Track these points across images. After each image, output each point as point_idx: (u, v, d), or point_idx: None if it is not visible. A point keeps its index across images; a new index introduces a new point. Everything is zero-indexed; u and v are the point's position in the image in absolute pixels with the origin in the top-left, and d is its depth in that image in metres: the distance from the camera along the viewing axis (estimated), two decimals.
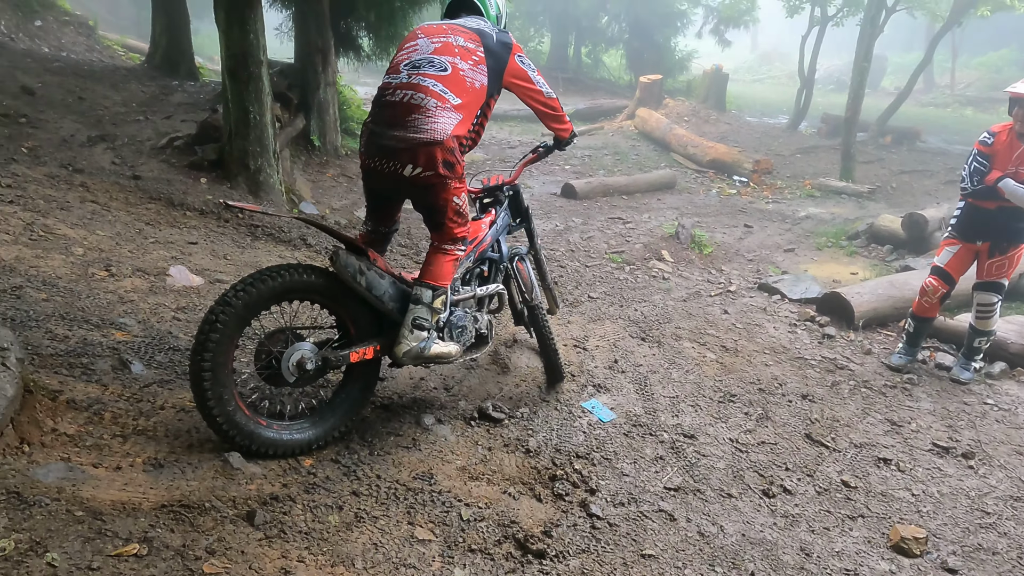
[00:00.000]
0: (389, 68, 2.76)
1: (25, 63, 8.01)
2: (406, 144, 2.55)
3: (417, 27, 2.85)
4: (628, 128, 14.30)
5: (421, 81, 2.61)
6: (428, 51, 2.67)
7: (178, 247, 4.44)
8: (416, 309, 2.74)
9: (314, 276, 2.60)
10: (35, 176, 4.76)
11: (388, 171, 2.63)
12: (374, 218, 3.02)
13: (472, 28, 2.77)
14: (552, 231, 7.23)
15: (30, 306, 3.21)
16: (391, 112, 2.61)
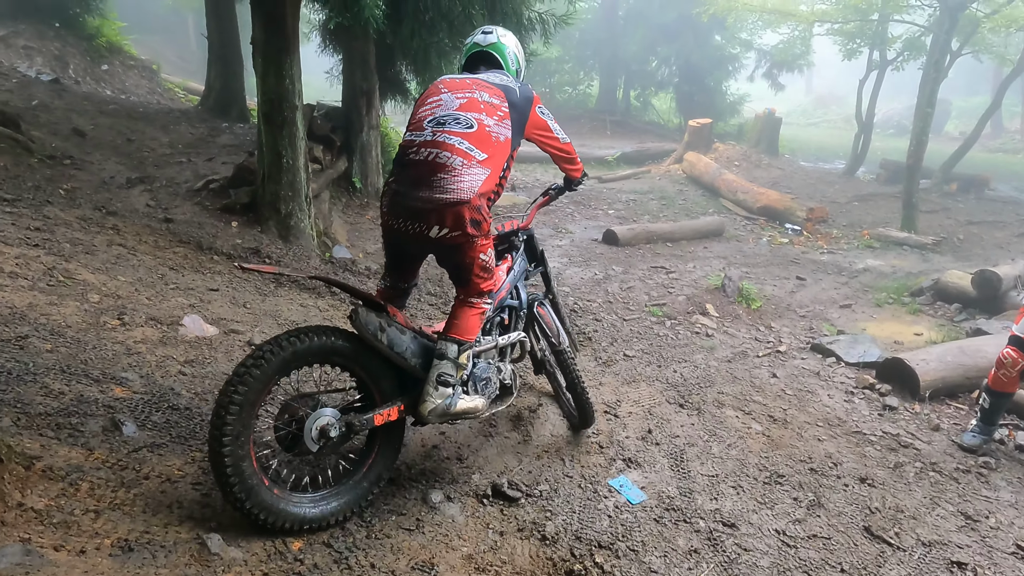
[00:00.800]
0: (411, 124, 2.69)
1: (82, 105, 8.28)
2: (432, 205, 2.49)
3: (439, 81, 2.80)
4: (676, 172, 14.00)
5: (446, 139, 2.54)
6: (453, 107, 2.62)
7: (198, 294, 4.33)
8: (441, 365, 2.65)
9: (333, 337, 2.50)
10: (67, 218, 4.76)
11: (413, 232, 2.56)
12: (394, 275, 2.94)
13: (496, 84, 2.74)
14: (590, 280, 6.94)
15: (32, 357, 3.09)
16: (415, 172, 2.55)
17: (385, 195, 2.66)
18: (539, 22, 5.76)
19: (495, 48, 2.97)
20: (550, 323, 3.39)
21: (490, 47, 2.97)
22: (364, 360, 2.59)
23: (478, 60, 2.97)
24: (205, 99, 11.04)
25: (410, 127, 2.68)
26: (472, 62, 2.99)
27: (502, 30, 3.10)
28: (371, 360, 2.61)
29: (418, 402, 2.64)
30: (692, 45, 18.71)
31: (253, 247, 5.35)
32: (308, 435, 2.45)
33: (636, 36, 20.20)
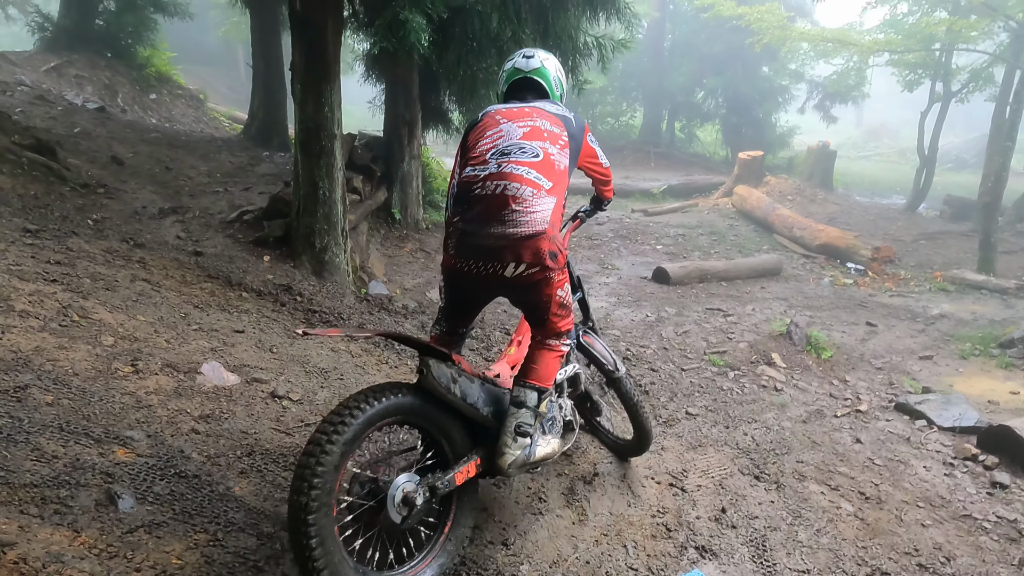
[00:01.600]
0: (471, 158, 2.53)
1: (124, 133, 8.20)
2: (507, 241, 2.33)
3: (492, 111, 2.64)
4: (725, 206, 13.44)
5: (513, 170, 2.40)
6: (516, 136, 2.48)
7: (221, 336, 3.98)
8: (519, 414, 2.51)
9: (403, 394, 2.32)
10: (91, 251, 4.50)
11: (485, 273, 2.39)
12: (453, 319, 2.76)
13: (555, 113, 2.64)
14: (642, 323, 6.44)
15: (29, 412, 2.75)
16: (483, 207, 2.38)
17: (450, 236, 2.46)
18: (595, 47, 5.39)
19: (538, 73, 2.80)
20: (601, 351, 3.21)
21: (533, 72, 2.80)
22: (434, 415, 2.42)
23: (521, 86, 2.80)
24: (248, 127, 10.99)
25: (471, 161, 2.51)
26: (514, 88, 2.82)
27: (543, 53, 2.92)
28: (441, 414, 2.44)
29: (495, 455, 2.49)
30: (741, 76, 18.26)
31: (285, 283, 5.02)
32: (392, 505, 2.24)
33: (683, 67, 19.85)
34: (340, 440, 2.09)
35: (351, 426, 2.13)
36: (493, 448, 2.50)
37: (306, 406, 3.53)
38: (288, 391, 3.59)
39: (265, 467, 2.93)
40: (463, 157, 2.62)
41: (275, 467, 2.95)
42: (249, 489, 2.76)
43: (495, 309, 5.84)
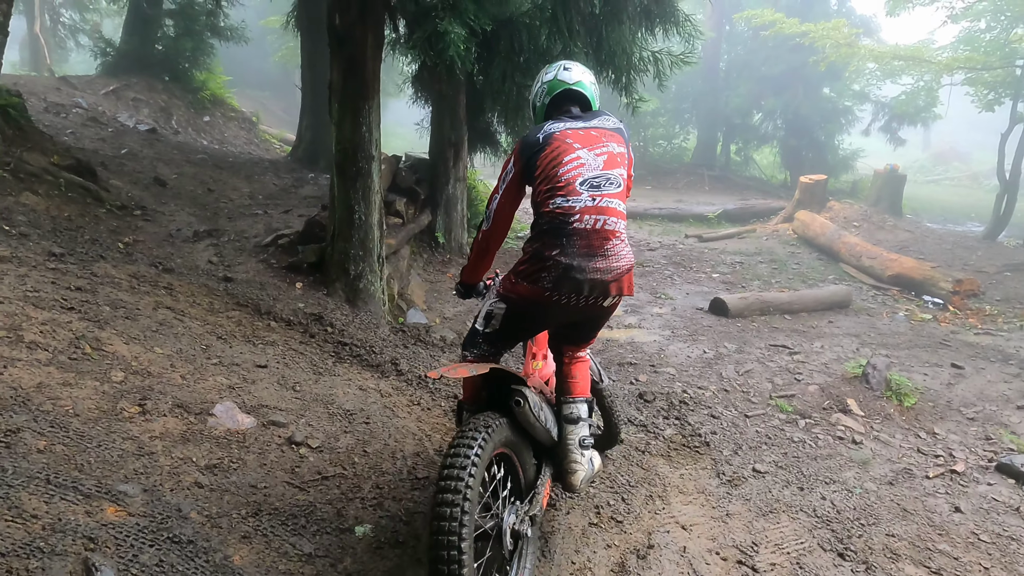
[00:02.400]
0: (558, 188, 2.44)
1: (171, 155, 8.18)
2: (612, 276, 2.44)
3: (558, 134, 2.51)
4: (785, 232, 12.74)
5: (608, 204, 2.45)
6: (598, 166, 2.48)
7: (242, 372, 3.69)
8: (580, 428, 2.61)
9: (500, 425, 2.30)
10: (116, 276, 4.30)
11: (583, 304, 2.47)
12: (502, 344, 2.72)
13: (614, 129, 2.61)
14: (699, 360, 5.91)
15: (16, 461, 2.47)
16: (585, 242, 2.41)
17: (547, 270, 2.40)
18: (652, 62, 5.00)
19: (580, 85, 2.73)
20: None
21: (576, 85, 2.72)
22: (519, 443, 2.46)
23: (564, 99, 2.73)
24: (295, 149, 10.97)
25: (558, 192, 2.43)
26: (556, 102, 2.74)
27: (579, 65, 2.85)
28: (523, 441, 2.48)
29: (566, 473, 2.56)
30: (801, 97, 17.54)
31: (316, 312, 4.73)
32: (506, 538, 2.28)
33: (739, 88, 19.24)
34: (476, 480, 2.07)
35: (479, 465, 2.10)
36: (559, 468, 2.59)
37: (325, 455, 3.18)
38: (307, 436, 3.25)
39: (272, 530, 2.57)
40: (531, 181, 2.54)
41: (283, 530, 2.59)
42: (250, 558, 2.41)
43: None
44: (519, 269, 2.50)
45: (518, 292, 2.51)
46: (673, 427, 4.35)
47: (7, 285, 3.63)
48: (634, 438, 4.13)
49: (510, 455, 2.44)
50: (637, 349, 6.18)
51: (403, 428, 3.60)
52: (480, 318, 2.70)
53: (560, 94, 2.71)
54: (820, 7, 18.28)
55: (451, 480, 2.03)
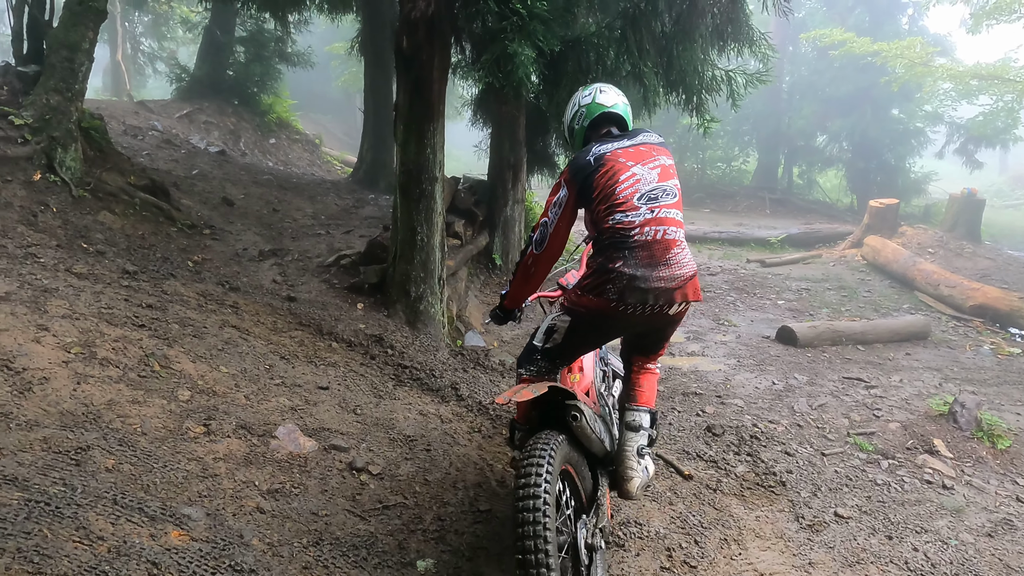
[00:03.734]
0: (617, 205, 2.51)
1: (239, 175, 8.41)
2: (676, 283, 2.49)
3: (608, 154, 2.58)
4: (854, 258, 12.22)
5: (667, 214, 2.53)
6: (654, 179, 2.56)
7: (304, 393, 3.66)
8: (639, 437, 2.66)
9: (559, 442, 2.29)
10: (185, 294, 4.37)
11: (649, 313, 2.51)
12: (562, 359, 2.76)
13: (659, 143, 2.71)
14: (768, 392, 5.63)
15: (85, 480, 2.47)
16: (647, 253, 2.47)
17: (611, 282, 2.46)
18: (724, 82, 4.84)
19: (617, 107, 2.84)
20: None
21: (614, 107, 2.82)
22: (577, 457, 2.48)
23: (602, 121, 2.82)
24: (356, 170, 11.16)
25: (618, 208, 2.50)
26: (596, 124, 2.82)
27: (613, 87, 2.94)
28: (581, 454, 2.51)
29: (622, 481, 2.58)
30: (869, 118, 16.92)
31: (376, 334, 4.70)
32: (581, 552, 2.33)
33: (803, 110, 18.74)
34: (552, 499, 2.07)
35: (553, 484, 2.11)
36: (615, 476, 2.62)
37: (386, 482, 3.10)
38: (368, 463, 3.17)
39: (332, 562, 2.49)
40: (588, 202, 2.59)
41: (343, 562, 2.50)
42: None
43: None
44: (584, 283, 2.56)
45: (583, 304, 2.56)
46: (745, 464, 4.11)
47: (83, 301, 3.72)
48: (704, 475, 3.92)
49: (570, 470, 2.43)
50: (702, 378, 5.94)
51: (464, 456, 3.50)
52: (540, 334, 2.73)
53: (599, 117, 2.81)
54: (890, 26, 17.69)
55: (530, 500, 2.04)
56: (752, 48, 4.94)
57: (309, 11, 10.37)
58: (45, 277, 3.85)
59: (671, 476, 3.81)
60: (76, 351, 3.25)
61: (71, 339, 3.33)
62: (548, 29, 4.07)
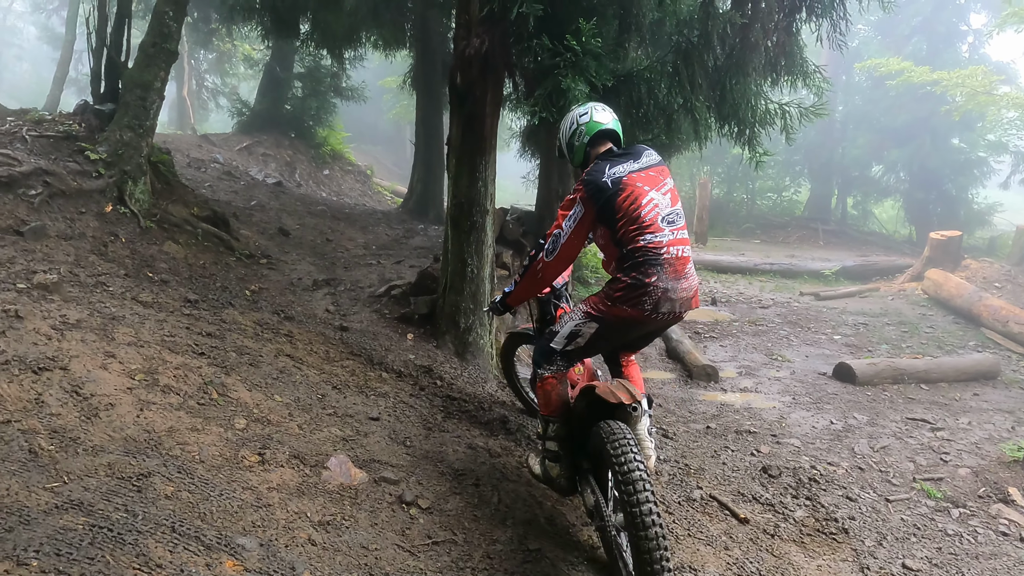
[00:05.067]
0: (645, 227, 2.82)
1: (294, 206, 8.67)
2: (691, 293, 2.91)
3: (625, 177, 2.86)
4: (914, 292, 11.77)
5: (681, 235, 2.91)
6: (668, 204, 2.91)
7: (355, 423, 3.69)
8: (645, 420, 2.92)
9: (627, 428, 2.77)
10: (243, 323, 4.49)
11: (670, 319, 2.94)
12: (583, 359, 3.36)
13: (660, 164, 3.02)
14: (826, 432, 5.42)
15: (145, 506, 2.52)
16: (673, 268, 2.83)
17: (646, 295, 2.79)
18: (779, 115, 4.78)
19: (612, 125, 3.13)
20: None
21: (612, 124, 3.13)
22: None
23: (600, 138, 3.10)
24: (406, 201, 11.38)
25: (644, 228, 2.81)
26: (594, 140, 3.10)
27: (607, 106, 3.23)
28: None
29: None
30: (928, 148, 16.44)
31: (425, 365, 4.73)
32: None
33: (857, 140, 18.33)
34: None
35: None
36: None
37: (436, 517, 3.08)
38: (417, 496, 3.17)
39: None
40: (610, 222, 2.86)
41: None
42: None
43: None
44: (615, 295, 2.85)
45: (615, 314, 2.88)
46: (804, 508, 3.95)
47: (147, 329, 3.85)
48: (760, 518, 3.77)
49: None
50: (755, 416, 5.76)
51: (513, 492, 3.45)
52: (560, 338, 3.04)
53: (597, 134, 3.09)
54: (949, 54, 17.26)
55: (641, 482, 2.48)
56: (806, 81, 4.87)
57: (364, 48, 10.72)
58: (113, 305, 4.02)
59: (726, 519, 3.68)
60: (140, 378, 3.36)
61: (135, 366, 3.45)
62: (600, 64, 4.11)
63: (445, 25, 10.06)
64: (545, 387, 3.14)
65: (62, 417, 2.91)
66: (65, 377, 3.14)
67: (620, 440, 2.60)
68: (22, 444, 2.66)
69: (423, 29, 10.15)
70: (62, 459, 2.66)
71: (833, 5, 4.47)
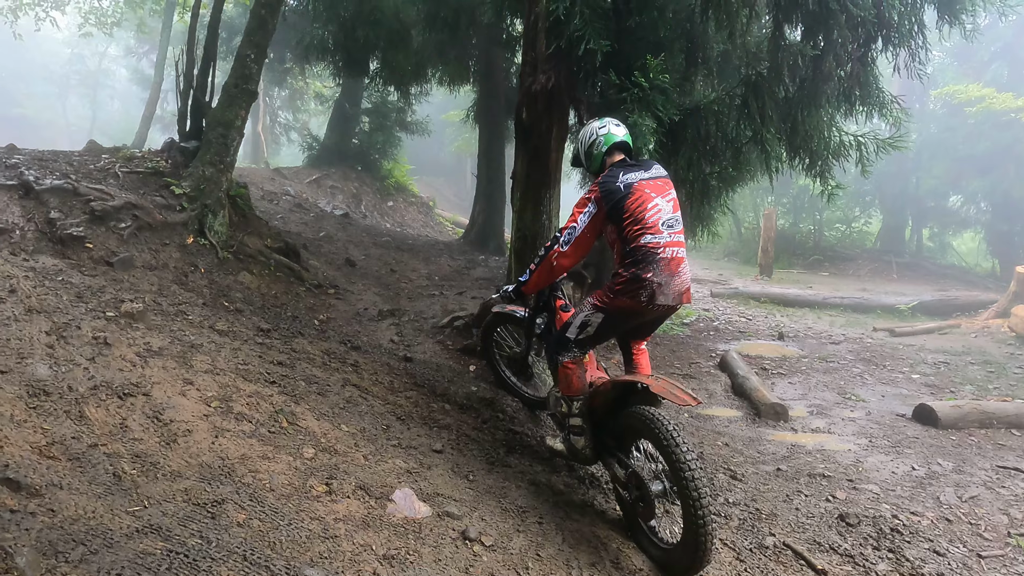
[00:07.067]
0: (648, 227, 3.23)
1: (360, 237, 8.90)
2: (684, 288, 3.32)
3: (635, 184, 3.28)
4: (999, 329, 11.08)
5: (678, 238, 3.31)
6: (670, 210, 3.31)
7: (418, 455, 3.70)
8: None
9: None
10: (312, 352, 4.60)
11: (664, 311, 3.38)
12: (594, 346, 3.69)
13: (666, 176, 3.45)
14: (908, 478, 5.10)
15: (219, 533, 2.58)
16: (668, 266, 3.23)
17: (643, 289, 3.21)
18: (854, 147, 4.63)
19: (626, 138, 3.57)
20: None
21: (625, 137, 3.56)
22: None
23: (615, 149, 3.52)
24: (468, 232, 11.53)
25: (648, 230, 3.22)
26: (610, 150, 3.53)
27: (620, 122, 3.64)
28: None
29: None
30: (1012, 177, 15.62)
31: (488, 397, 4.73)
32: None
33: (933, 169, 17.60)
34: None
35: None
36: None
37: (499, 555, 3.04)
38: (480, 533, 3.13)
39: None
40: (618, 220, 3.26)
41: None
42: None
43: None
44: (616, 288, 3.27)
45: (617, 305, 3.30)
46: (887, 561, 3.71)
47: (223, 357, 3.99)
48: (839, 570, 3.56)
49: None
50: (829, 459, 5.49)
51: (577, 532, 3.38)
52: (573, 328, 3.47)
53: (612, 145, 3.51)
54: None
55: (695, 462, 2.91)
56: (882, 111, 4.72)
57: (430, 83, 11.05)
58: (192, 333, 4.19)
59: (802, 569, 3.50)
60: (215, 405, 3.48)
61: (211, 393, 3.57)
62: (667, 99, 4.09)
63: (508, 60, 10.27)
64: (566, 371, 3.54)
65: (144, 442, 3.03)
66: (147, 403, 3.28)
67: (661, 422, 3.03)
68: (107, 468, 2.78)
69: (487, 65, 10.39)
70: (143, 483, 2.76)
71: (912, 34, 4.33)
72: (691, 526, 2.87)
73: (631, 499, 3.32)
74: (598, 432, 3.54)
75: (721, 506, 4.08)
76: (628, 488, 3.32)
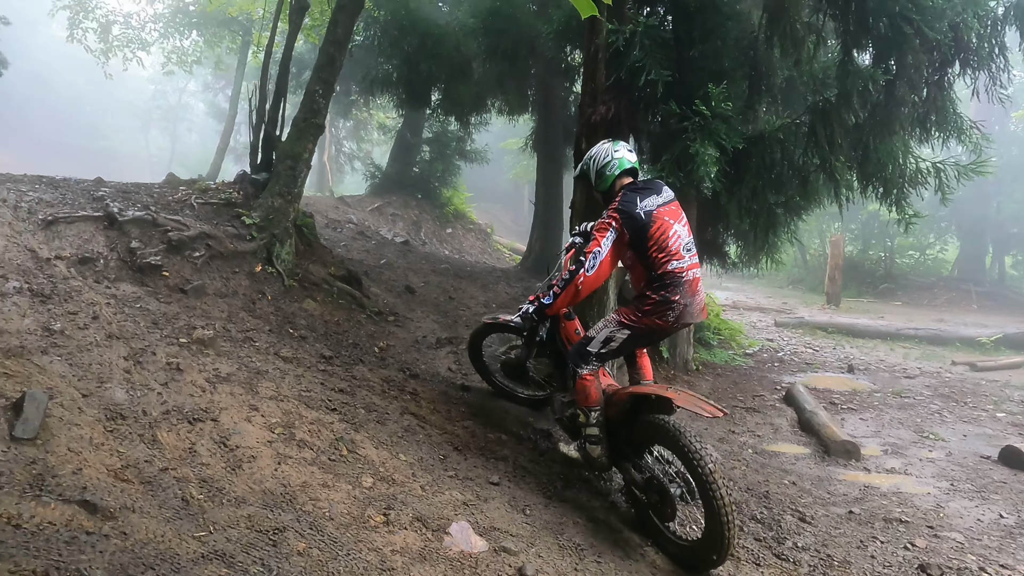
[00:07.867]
0: (672, 254, 3.47)
1: (420, 264, 9.04)
2: (703, 306, 3.63)
3: (655, 211, 3.49)
4: None
5: (694, 260, 3.58)
6: (686, 234, 3.56)
7: (475, 487, 3.68)
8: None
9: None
10: (371, 379, 4.66)
11: (683, 326, 3.76)
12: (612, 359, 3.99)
13: (675, 198, 3.66)
14: (995, 526, 4.75)
15: (280, 561, 2.62)
16: (689, 288, 3.50)
17: (670, 310, 3.47)
18: (932, 174, 4.42)
19: (635, 163, 3.81)
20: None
21: (634, 163, 3.78)
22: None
23: (627, 172, 3.76)
24: (525, 259, 11.57)
25: (672, 255, 3.47)
26: (623, 173, 3.75)
27: (632, 147, 3.87)
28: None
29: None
30: None
31: (545, 429, 4.68)
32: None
33: (1014, 194, 16.70)
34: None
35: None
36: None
37: None
38: (538, 571, 3.07)
39: None
40: (641, 247, 3.49)
41: None
42: None
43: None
44: (646, 308, 3.50)
45: (645, 323, 3.52)
46: None
47: (287, 384, 4.09)
48: None
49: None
50: (906, 502, 5.17)
51: (637, 572, 3.27)
52: (596, 342, 3.64)
53: (624, 169, 3.74)
54: None
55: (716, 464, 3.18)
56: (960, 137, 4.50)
57: (489, 113, 11.23)
58: (258, 359, 4.31)
59: None
60: (279, 431, 3.55)
61: (275, 419, 3.65)
62: (730, 127, 4.02)
63: (567, 90, 10.35)
64: (584, 384, 3.68)
65: (211, 467, 3.11)
66: (215, 428, 3.37)
67: (681, 430, 3.27)
68: (176, 492, 2.86)
69: (545, 94, 10.50)
70: (209, 508, 2.83)
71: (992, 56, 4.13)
72: (714, 520, 3.09)
73: (649, 502, 3.55)
74: (611, 439, 3.74)
75: (789, 550, 3.88)
76: (647, 492, 3.54)
